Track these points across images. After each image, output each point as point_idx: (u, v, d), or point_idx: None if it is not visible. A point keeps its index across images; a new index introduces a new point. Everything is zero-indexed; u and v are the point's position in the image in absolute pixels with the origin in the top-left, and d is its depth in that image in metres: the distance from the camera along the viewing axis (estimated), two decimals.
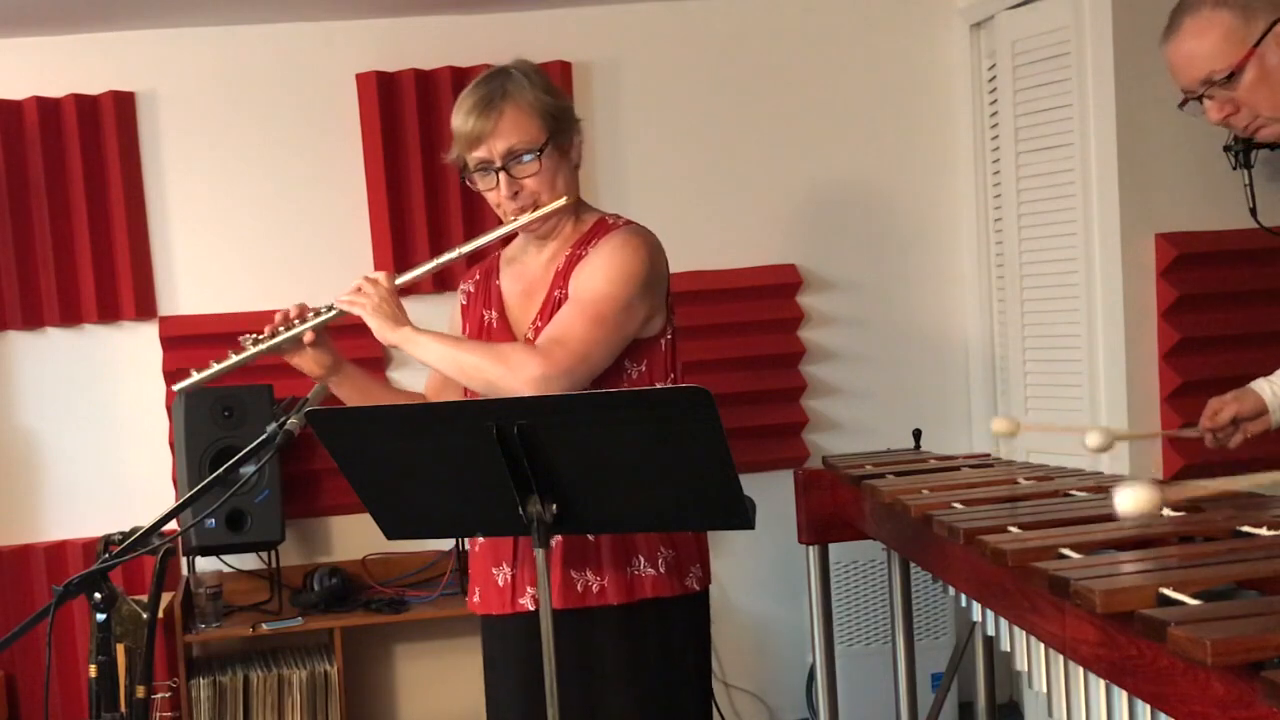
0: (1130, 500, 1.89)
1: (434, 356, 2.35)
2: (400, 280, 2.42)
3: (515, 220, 2.42)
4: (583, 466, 2.03)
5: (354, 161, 4.32)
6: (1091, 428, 2.72)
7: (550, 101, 2.42)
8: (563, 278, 2.43)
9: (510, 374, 2.25)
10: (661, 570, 2.39)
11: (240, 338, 2.41)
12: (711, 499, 2.04)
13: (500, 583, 2.44)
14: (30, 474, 4.28)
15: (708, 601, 2.51)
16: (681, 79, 4.43)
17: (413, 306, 4.27)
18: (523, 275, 2.52)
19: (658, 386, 2.26)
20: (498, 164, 2.39)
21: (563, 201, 2.42)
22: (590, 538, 2.37)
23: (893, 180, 4.52)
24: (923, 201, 4.54)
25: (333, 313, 2.39)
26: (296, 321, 2.40)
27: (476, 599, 2.51)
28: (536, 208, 2.41)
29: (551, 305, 2.42)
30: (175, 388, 2.48)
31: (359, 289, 2.39)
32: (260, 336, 2.38)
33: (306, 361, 2.44)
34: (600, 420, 2.01)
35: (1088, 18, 3.78)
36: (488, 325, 2.51)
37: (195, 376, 2.40)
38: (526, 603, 2.40)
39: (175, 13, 4.12)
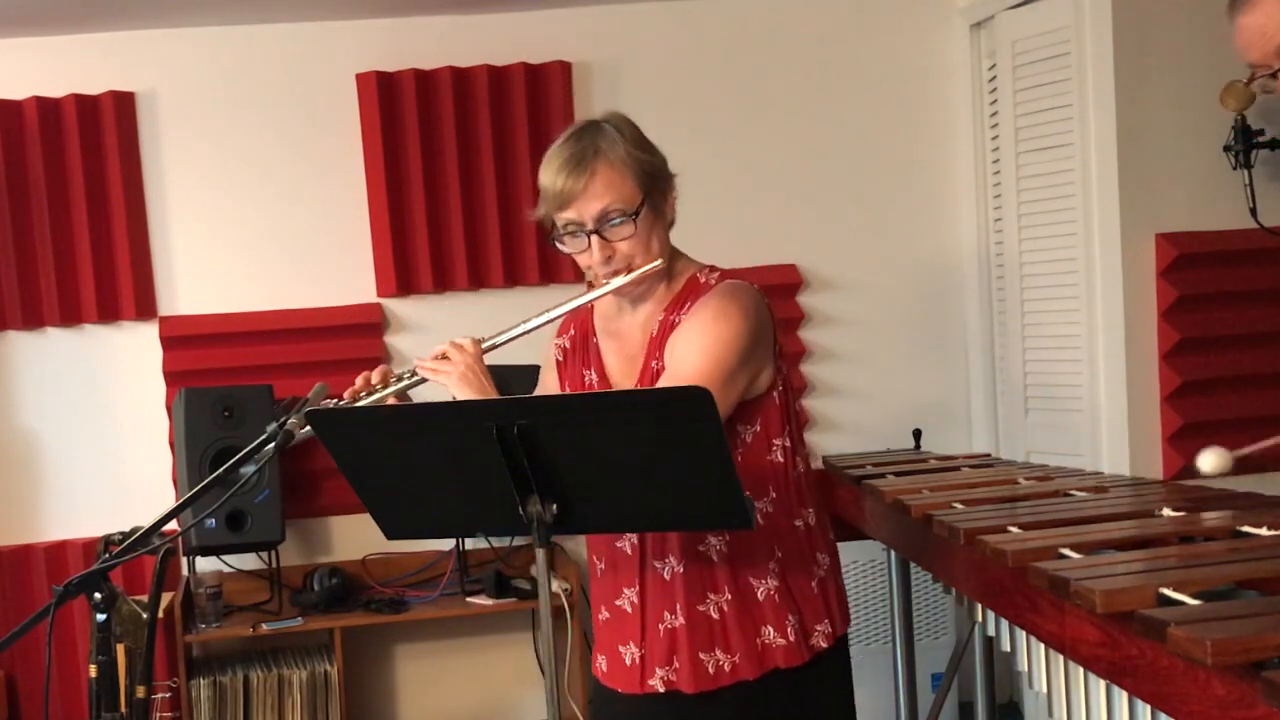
0: (1209, 461, 1.98)
1: None
2: (486, 345, 2.30)
3: (608, 284, 2.30)
4: (583, 466, 2.02)
5: (354, 161, 4.32)
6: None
7: (645, 158, 2.29)
8: (657, 346, 2.32)
9: None
10: (791, 638, 2.29)
11: (324, 403, 2.26)
12: (711, 499, 2.04)
13: (628, 662, 2.35)
14: (30, 474, 4.28)
15: (843, 654, 2.39)
16: (681, 79, 4.43)
17: (415, 306, 4.36)
18: (619, 334, 2.42)
19: (658, 387, 2.23)
20: (589, 227, 2.25)
21: (659, 264, 2.29)
22: (715, 615, 2.28)
23: (893, 180, 4.52)
24: (923, 201, 4.54)
25: (416, 378, 2.28)
26: (379, 386, 2.28)
27: (602, 668, 2.43)
28: (630, 270, 2.28)
29: (650, 376, 2.32)
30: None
31: (444, 355, 2.26)
32: (342, 403, 2.26)
33: None
34: (600, 420, 2.00)
35: (1088, 18, 3.78)
36: (589, 386, 2.42)
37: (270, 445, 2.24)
38: (656, 684, 2.31)
39: (175, 13, 4.12)
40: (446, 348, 2.28)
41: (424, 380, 2.28)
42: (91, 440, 4.28)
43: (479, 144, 4.32)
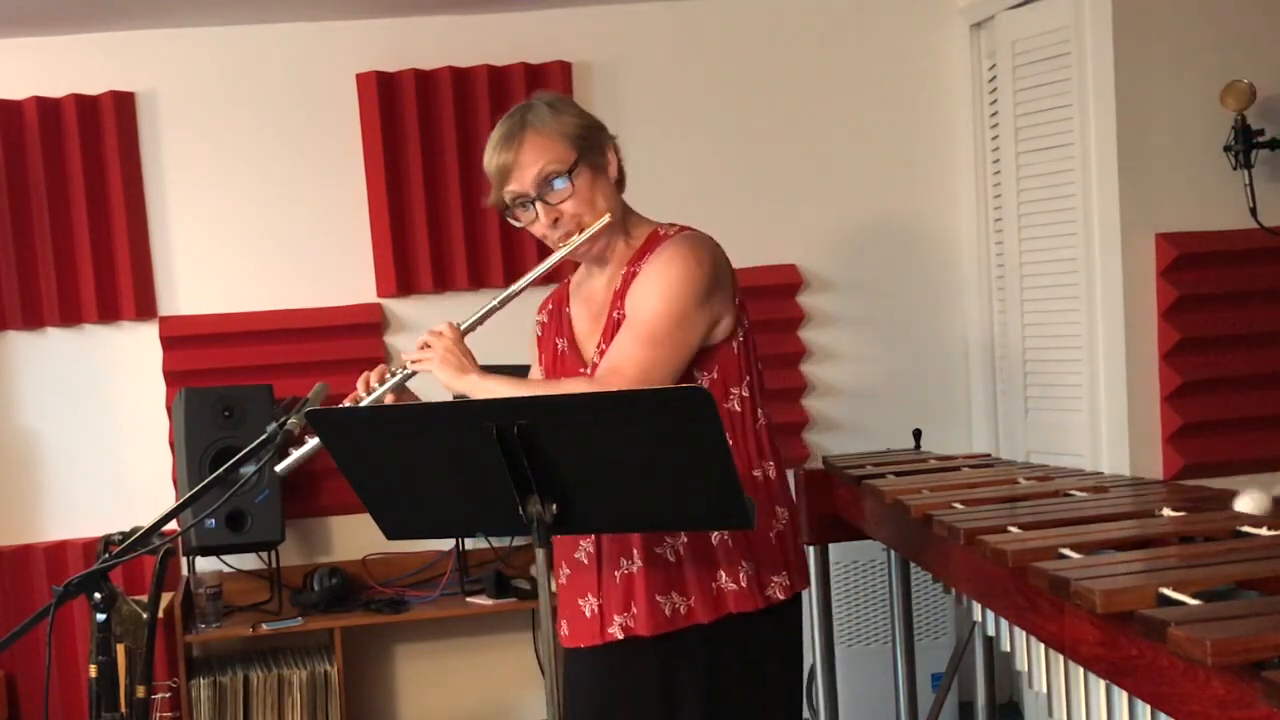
0: (1249, 503, 1.96)
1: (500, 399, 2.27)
2: (464, 326, 2.38)
3: (564, 247, 2.38)
4: (583, 466, 2.03)
5: (354, 161, 4.32)
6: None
7: (574, 122, 2.39)
8: (620, 298, 2.40)
9: None
10: (743, 584, 2.35)
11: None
12: (711, 499, 2.04)
13: (588, 614, 2.41)
14: (30, 474, 4.28)
15: (797, 609, 2.46)
16: (681, 79, 4.43)
17: (415, 306, 4.36)
18: (589, 300, 2.49)
19: (658, 388, 2.24)
20: (532, 194, 2.36)
21: (606, 219, 2.37)
22: (672, 559, 2.35)
23: (893, 180, 4.52)
24: (923, 201, 4.54)
25: (407, 371, 2.36)
26: (376, 384, 2.35)
27: (565, 631, 2.48)
28: (581, 231, 2.37)
29: (611, 328, 2.39)
30: (278, 469, 2.36)
31: (425, 344, 2.36)
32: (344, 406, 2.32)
33: None
34: (600, 420, 2.00)
35: (1088, 18, 3.78)
36: (560, 354, 2.50)
37: (291, 458, 2.33)
38: (615, 631, 2.38)
39: (175, 13, 4.12)
40: (426, 336, 2.37)
41: (414, 373, 2.36)
42: (91, 440, 4.28)
43: (479, 144, 4.24)
